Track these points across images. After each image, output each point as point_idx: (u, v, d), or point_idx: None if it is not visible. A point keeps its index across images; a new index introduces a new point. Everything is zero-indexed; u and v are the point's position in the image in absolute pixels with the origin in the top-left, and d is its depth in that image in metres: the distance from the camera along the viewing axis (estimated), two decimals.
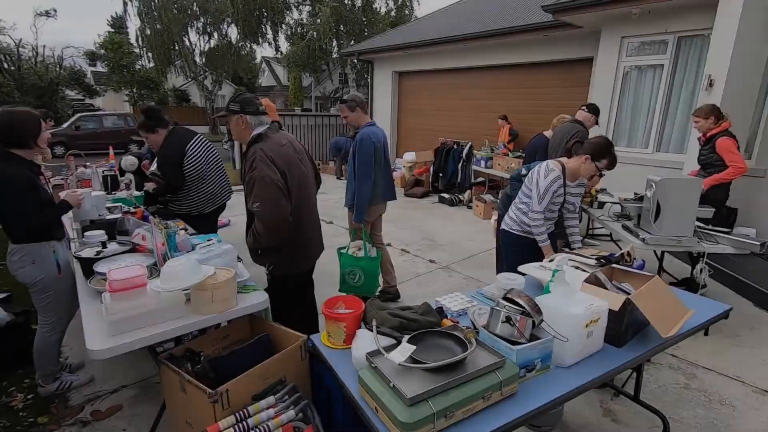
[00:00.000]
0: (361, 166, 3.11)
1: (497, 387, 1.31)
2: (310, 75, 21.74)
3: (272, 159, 2.09)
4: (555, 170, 2.57)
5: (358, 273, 3.05)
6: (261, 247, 2.24)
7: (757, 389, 2.57)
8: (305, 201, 2.33)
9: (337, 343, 1.65)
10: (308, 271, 2.56)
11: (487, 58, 8.31)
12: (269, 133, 2.20)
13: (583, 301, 1.55)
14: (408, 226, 6.02)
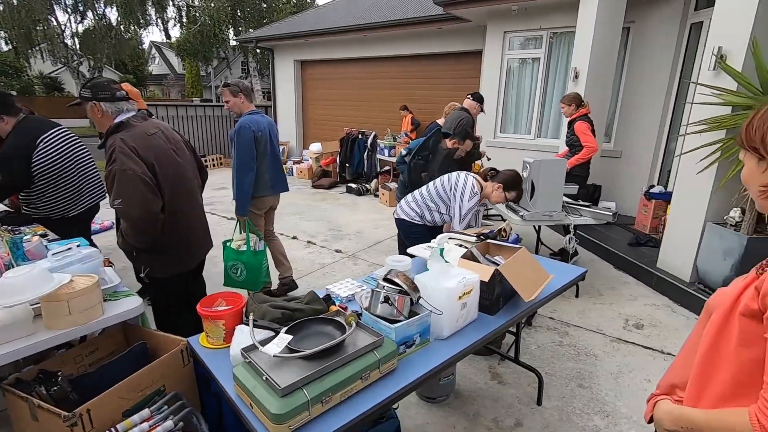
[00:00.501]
0: (240, 156, 2.97)
1: (375, 366, 1.34)
2: (205, 63, 20.22)
3: (135, 150, 1.89)
4: (478, 194, 2.77)
5: (240, 267, 2.93)
6: (131, 249, 2.03)
7: (613, 338, 2.99)
8: (183, 195, 2.15)
9: (216, 342, 1.56)
10: (192, 270, 2.39)
11: (388, 49, 8.46)
12: (134, 122, 1.98)
13: (456, 275, 1.65)
14: (314, 218, 5.95)
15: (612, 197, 5.48)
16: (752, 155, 0.86)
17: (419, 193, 2.93)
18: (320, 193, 7.62)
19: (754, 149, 0.85)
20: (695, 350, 0.94)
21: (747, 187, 0.91)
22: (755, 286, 0.81)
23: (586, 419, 2.24)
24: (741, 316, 0.83)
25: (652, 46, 5.19)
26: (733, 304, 0.85)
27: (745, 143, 0.87)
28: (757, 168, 0.86)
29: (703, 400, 0.90)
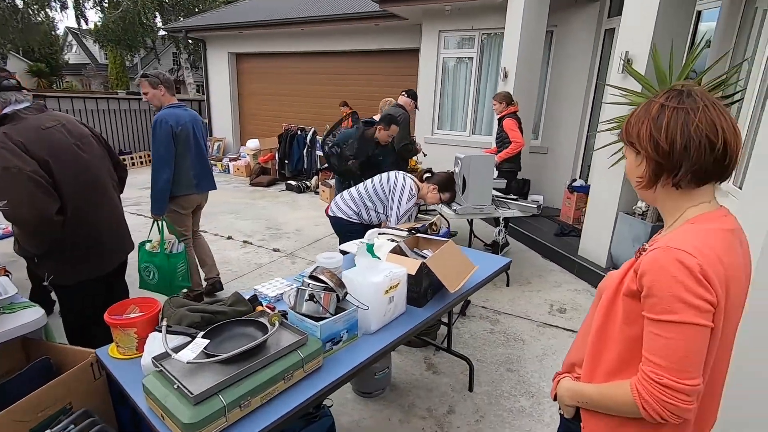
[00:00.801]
0: (156, 152, 2.80)
1: (298, 365, 1.32)
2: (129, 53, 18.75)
3: (23, 145, 1.70)
4: (415, 196, 2.83)
5: (153, 270, 2.77)
6: (25, 255, 1.84)
7: (540, 323, 3.19)
8: (90, 194, 1.97)
9: (128, 352, 1.45)
10: (110, 276, 2.21)
11: (326, 44, 8.35)
12: (24, 114, 1.78)
13: (383, 270, 1.66)
14: (252, 216, 5.75)
15: (540, 191, 5.83)
16: (631, 150, 0.94)
17: (356, 191, 2.92)
18: (258, 191, 7.37)
19: (631, 144, 0.92)
20: (589, 331, 1.02)
21: (630, 179, 0.99)
22: (634, 269, 0.88)
23: (513, 401, 2.36)
24: (624, 297, 0.90)
25: (572, 49, 5.56)
26: (617, 286, 0.93)
27: (625, 139, 0.95)
28: (634, 161, 0.93)
29: (596, 376, 0.97)
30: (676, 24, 3.32)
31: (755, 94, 2.56)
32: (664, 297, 0.80)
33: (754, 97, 2.58)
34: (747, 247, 0.94)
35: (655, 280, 0.82)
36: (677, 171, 0.86)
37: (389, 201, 2.82)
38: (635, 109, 0.94)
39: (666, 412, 0.81)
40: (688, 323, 0.79)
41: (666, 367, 0.80)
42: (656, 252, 0.84)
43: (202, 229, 5.14)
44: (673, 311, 0.79)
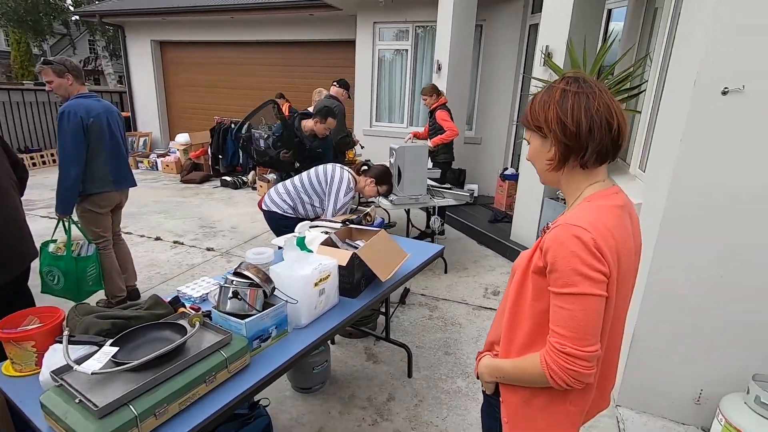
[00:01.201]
0: (62, 146, 2.55)
1: (222, 366, 1.26)
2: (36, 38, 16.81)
3: None
4: (353, 189, 2.81)
5: (57, 274, 2.54)
6: None
7: (475, 306, 3.32)
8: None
9: (25, 369, 1.31)
10: (10, 284, 1.98)
11: (259, 34, 8.03)
12: None
13: (313, 262, 1.63)
14: (183, 215, 5.43)
15: (475, 180, 6.04)
16: (537, 134, 0.97)
17: (291, 184, 2.84)
18: (191, 188, 6.97)
19: (539, 128, 0.95)
20: (503, 303, 1.07)
21: (533, 163, 1.02)
22: (540, 247, 0.93)
23: (450, 383, 2.44)
24: (533, 274, 0.95)
25: (500, 43, 5.80)
26: (527, 264, 0.97)
27: (531, 123, 0.97)
28: (541, 146, 0.97)
29: (512, 351, 1.02)
30: (588, 21, 3.56)
31: (654, 86, 2.83)
32: (564, 271, 0.86)
33: (653, 88, 2.84)
34: (637, 220, 1.03)
35: (556, 256, 0.87)
36: (584, 152, 0.91)
37: (326, 194, 2.78)
38: (536, 96, 0.98)
39: (570, 379, 0.87)
40: (586, 294, 0.84)
41: (569, 337, 0.86)
42: (557, 229, 0.89)
43: (127, 230, 4.80)
44: (573, 284, 0.85)
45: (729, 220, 1.87)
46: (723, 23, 1.72)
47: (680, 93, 1.94)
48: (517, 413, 1.03)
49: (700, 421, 2.13)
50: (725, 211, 1.86)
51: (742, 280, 1.90)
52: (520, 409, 1.02)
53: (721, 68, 1.76)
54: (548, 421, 1.01)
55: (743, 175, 1.81)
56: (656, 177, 2.14)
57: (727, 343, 1.99)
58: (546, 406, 0.99)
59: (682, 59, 2.00)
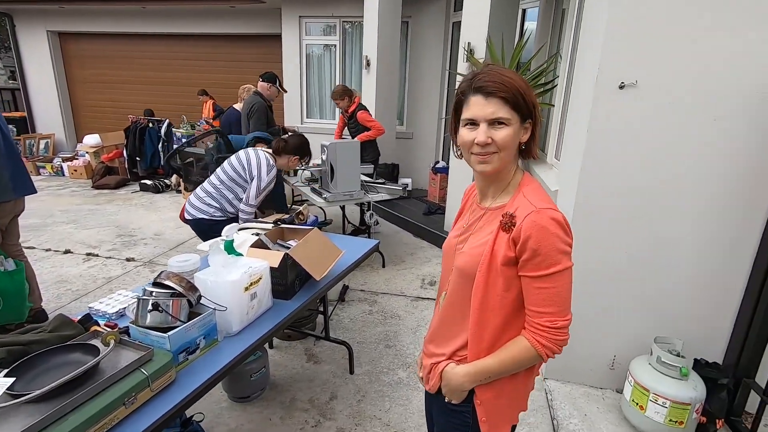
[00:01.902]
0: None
1: (143, 384, 1.16)
2: None
3: None
4: (274, 167, 2.68)
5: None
6: None
7: (413, 298, 3.39)
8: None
9: None
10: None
11: (176, 26, 7.51)
12: None
13: (242, 266, 1.56)
14: (97, 224, 4.95)
15: (409, 174, 6.16)
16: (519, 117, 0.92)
17: (210, 185, 2.68)
18: (104, 194, 6.37)
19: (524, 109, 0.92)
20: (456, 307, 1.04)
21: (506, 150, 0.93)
22: (512, 238, 0.92)
23: (391, 375, 2.48)
24: (503, 267, 0.94)
25: (426, 40, 5.94)
26: (489, 261, 0.95)
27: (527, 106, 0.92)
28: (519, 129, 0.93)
29: (483, 351, 1.00)
30: (505, 19, 3.77)
31: (564, 81, 3.06)
32: (549, 253, 0.88)
33: (564, 83, 3.08)
34: None
35: (540, 240, 0.88)
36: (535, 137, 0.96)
37: (249, 180, 2.64)
38: (512, 75, 0.91)
39: (559, 349, 0.94)
40: (568, 268, 0.91)
41: (558, 312, 0.92)
42: (532, 216, 0.89)
43: (28, 244, 4.28)
44: (558, 262, 0.89)
45: (631, 203, 2.07)
46: (617, 23, 1.90)
47: (585, 87, 2.11)
48: (494, 408, 1.03)
49: (615, 384, 2.36)
50: (627, 194, 2.07)
51: (645, 256, 2.12)
52: (495, 402, 1.02)
53: (617, 65, 1.94)
54: (515, 403, 1.06)
55: (640, 159, 2.02)
56: (569, 165, 2.32)
57: (634, 312, 2.22)
58: (515, 389, 1.04)
59: (585, 56, 2.18)
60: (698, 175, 1.97)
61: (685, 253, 2.07)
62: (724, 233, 2.00)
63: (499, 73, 0.91)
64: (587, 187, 2.11)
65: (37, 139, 8.15)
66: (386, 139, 5.49)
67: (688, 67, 1.87)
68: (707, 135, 1.92)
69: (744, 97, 1.84)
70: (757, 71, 1.80)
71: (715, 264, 2.05)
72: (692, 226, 2.03)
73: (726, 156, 1.92)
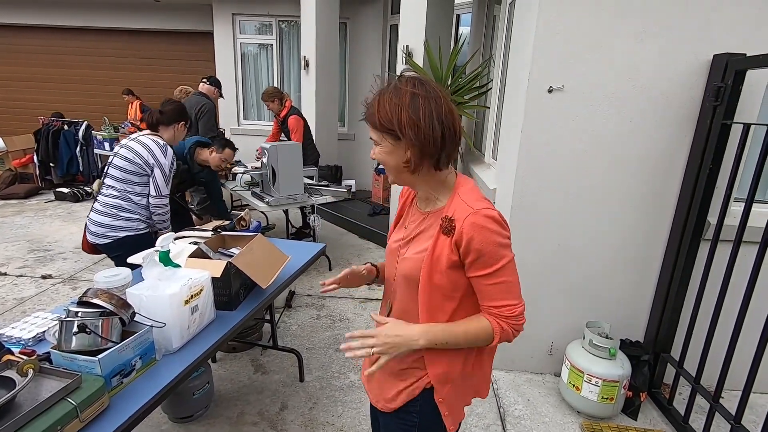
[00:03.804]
0: None
1: (72, 415, 1.05)
2: None
3: None
4: (167, 146, 2.37)
5: None
6: None
7: (361, 299, 3.39)
8: None
9: None
10: None
11: (94, 19, 6.92)
12: None
13: (180, 278, 1.47)
14: (3, 239, 4.41)
15: (352, 175, 6.15)
16: (389, 136, 0.93)
17: (108, 195, 2.29)
18: (12, 204, 5.69)
19: (390, 131, 0.92)
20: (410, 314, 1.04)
21: (384, 164, 0.99)
22: (454, 242, 0.94)
23: (342, 379, 2.45)
24: (448, 270, 0.96)
25: (365, 42, 5.97)
26: (433, 265, 0.96)
27: (381, 126, 0.93)
28: (394, 147, 0.94)
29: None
30: (440, 24, 3.88)
31: (498, 84, 3.22)
32: (492, 250, 0.92)
33: (497, 87, 3.24)
34: None
35: (482, 240, 0.91)
36: (438, 155, 0.93)
37: (149, 174, 2.32)
38: (381, 95, 0.94)
39: (515, 333, 0.99)
40: (511, 259, 0.96)
41: (516, 303, 0.97)
42: (470, 218, 0.91)
43: None
44: (502, 256, 0.93)
45: (562, 199, 2.23)
46: (545, 30, 2.03)
47: (518, 91, 2.24)
48: (452, 400, 1.06)
49: (553, 369, 2.52)
50: (558, 191, 2.22)
51: (574, 247, 2.29)
52: (454, 394, 1.05)
53: (546, 70, 2.07)
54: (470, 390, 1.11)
55: (568, 159, 2.17)
56: (505, 164, 2.44)
57: (566, 300, 2.39)
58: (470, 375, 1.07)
59: (517, 61, 2.31)
60: (617, 172, 2.16)
61: (609, 243, 2.26)
62: (640, 224, 2.22)
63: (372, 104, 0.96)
64: (522, 185, 2.24)
65: None
66: (328, 141, 5.46)
67: (606, 73, 2.04)
68: (623, 135, 2.11)
69: (650, 100, 2.05)
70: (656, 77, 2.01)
71: (633, 251, 2.26)
72: (614, 219, 2.22)
73: (640, 154, 2.12)
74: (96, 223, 2.29)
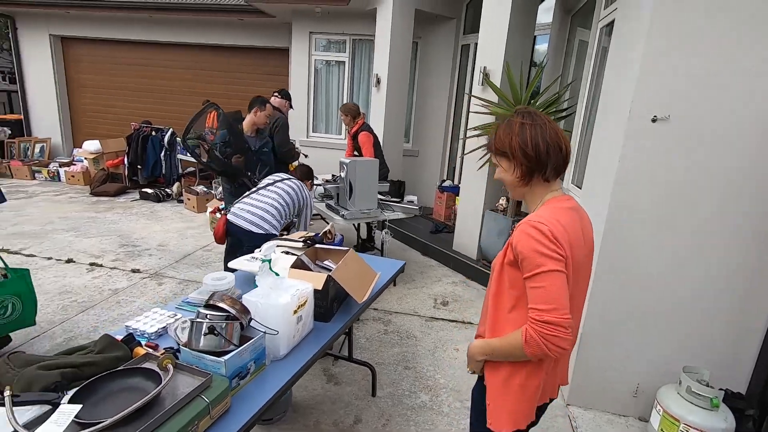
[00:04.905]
0: None
1: (205, 412, 1.13)
2: None
3: None
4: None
5: (12, 302, 2.20)
6: None
7: (427, 318, 3.38)
8: None
9: None
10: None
11: (184, 36, 7.51)
12: None
13: (289, 288, 1.54)
14: (98, 233, 4.85)
15: (414, 191, 6.19)
16: (503, 158, 1.18)
17: (277, 203, 2.76)
18: (104, 202, 6.26)
19: (503, 154, 1.17)
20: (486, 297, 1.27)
21: (505, 180, 1.22)
22: (510, 242, 1.14)
23: (414, 398, 2.45)
24: (507, 266, 1.15)
25: (435, 61, 6.04)
26: (502, 261, 1.18)
27: (497, 150, 1.19)
28: (509, 167, 1.18)
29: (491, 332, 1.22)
30: (519, 46, 3.85)
31: (583, 110, 3.14)
32: (531, 256, 1.05)
33: (582, 112, 3.16)
34: (588, 222, 1.24)
35: (523, 246, 1.07)
36: (545, 169, 1.13)
37: (304, 209, 2.97)
38: (499, 126, 1.20)
39: (548, 344, 1.02)
40: (551, 270, 1.04)
41: (545, 309, 1.03)
42: (521, 226, 1.11)
43: (28, 251, 4.17)
44: (540, 264, 1.04)
45: (659, 232, 2.11)
46: (653, 61, 1.96)
47: (616, 119, 2.17)
48: (496, 397, 1.21)
49: (637, 412, 2.37)
50: (656, 224, 2.11)
51: (671, 281, 2.16)
52: (498, 391, 1.20)
53: (650, 98, 2.00)
54: (521, 399, 1.18)
55: (669, 192, 2.06)
56: (595, 192, 2.36)
57: (658, 340, 2.25)
58: (523, 384, 1.17)
59: (615, 88, 2.24)
60: (727, 208, 2.02)
61: (711, 282, 2.11)
62: (749, 263, 2.05)
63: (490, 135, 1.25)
64: (617, 215, 2.15)
65: (32, 143, 8.00)
66: (393, 157, 5.54)
67: (719, 105, 1.93)
68: (736, 171, 1.98)
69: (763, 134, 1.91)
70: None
71: (740, 292, 2.09)
72: (719, 256, 2.08)
73: (754, 191, 1.98)
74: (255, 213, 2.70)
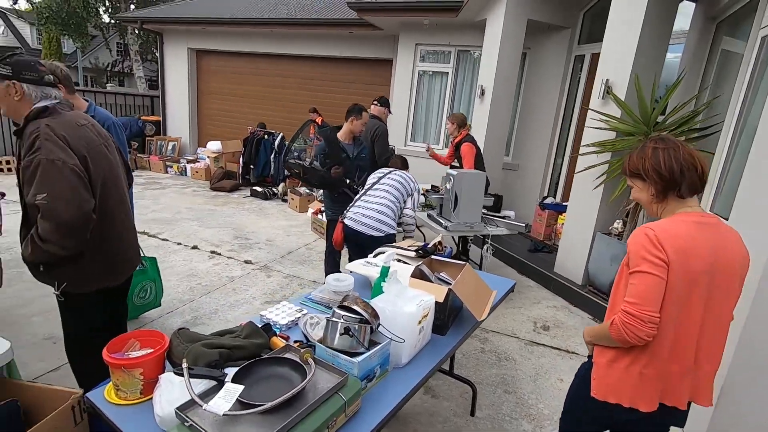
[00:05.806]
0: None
1: (342, 410, 1.18)
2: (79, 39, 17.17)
3: (65, 139, 1.56)
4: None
5: (149, 287, 2.52)
6: (46, 259, 1.59)
7: (527, 341, 3.21)
8: (114, 197, 1.78)
9: (131, 397, 1.24)
10: (119, 288, 1.93)
11: (296, 47, 8.13)
12: (60, 109, 1.64)
13: (413, 298, 1.56)
14: (217, 224, 5.41)
15: (512, 206, 5.95)
16: (638, 179, 1.31)
17: (387, 201, 2.87)
18: (221, 196, 6.97)
19: (638, 175, 1.30)
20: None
21: (641, 200, 1.33)
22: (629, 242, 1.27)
23: (515, 425, 2.33)
24: (625, 266, 1.28)
25: (544, 71, 5.78)
26: (625, 261, 1.29)
27: (631, 172, 1.32)
28: (644, 187, 1.30)
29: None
30: (651, 57, 3.52)
31: (731, 130, 2.76)
32: (635, 257, 1.21)
33: (729, 132, 2.78)
34: (729, 239, 1.22)
35: (631, 246, 1.23)
36: (679, 186, 1.23)
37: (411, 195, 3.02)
38: (631, 153, 1.34)
39: (628, 332, 1.17)
40: (647, 272, 1.17)
41: (631, 303, 1.18)
42: (635, 231, 1.24)
43: (163, 236, 4.78)
44: (639, 264, 1.19)
45: None
46: None
47: None
48: (603, 373, 1.33)
49: None
50: None
51: None
52: (605, 369, 1.32)
53: None
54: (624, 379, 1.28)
55: None
56: (753, 223, 2.05)
57: None
58: (626, 368, 1.27)
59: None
60: None
61: None
62: None
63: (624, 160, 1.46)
64: None
65: (166, 141, 9.22)
66: (492, 170, 5.39)
67: None
68: None
69: None
70: None
71: None
72: None
73: None
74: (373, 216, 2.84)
